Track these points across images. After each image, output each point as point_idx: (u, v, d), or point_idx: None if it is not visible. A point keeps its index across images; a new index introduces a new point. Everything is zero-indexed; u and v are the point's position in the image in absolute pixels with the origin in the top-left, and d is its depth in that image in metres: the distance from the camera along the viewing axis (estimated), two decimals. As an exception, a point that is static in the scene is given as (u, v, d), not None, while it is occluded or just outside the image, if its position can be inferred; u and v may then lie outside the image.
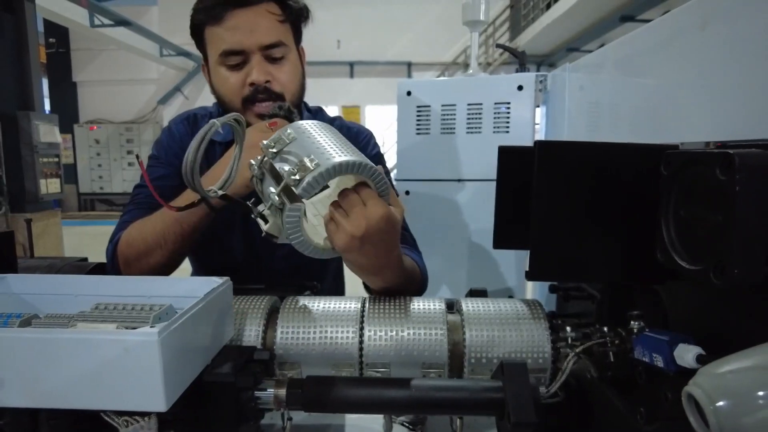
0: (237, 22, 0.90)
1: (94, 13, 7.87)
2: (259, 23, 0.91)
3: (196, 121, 1.06)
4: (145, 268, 0.89)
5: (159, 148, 1.04)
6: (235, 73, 0.92)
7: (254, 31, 0.90)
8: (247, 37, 0.90)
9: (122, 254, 0.89)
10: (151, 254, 0.87)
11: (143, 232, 0.88)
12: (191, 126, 1.05)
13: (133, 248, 0.88)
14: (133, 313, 0.56)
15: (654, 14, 6.60)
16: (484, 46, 10.22)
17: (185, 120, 1.07)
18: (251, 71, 0.91)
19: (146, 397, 0.46)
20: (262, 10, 0.91)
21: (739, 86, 0.83)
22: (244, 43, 0.90)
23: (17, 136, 4.93)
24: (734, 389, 0.34)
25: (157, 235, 0.87)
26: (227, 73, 0.93)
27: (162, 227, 0.86)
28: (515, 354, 0.65)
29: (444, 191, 1.87)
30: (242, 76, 0.92)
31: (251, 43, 0.90)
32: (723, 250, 0.42)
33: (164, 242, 0.86)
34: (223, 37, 0.91)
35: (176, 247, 0.87)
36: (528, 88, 1.75)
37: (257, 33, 0.90)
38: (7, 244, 0.74)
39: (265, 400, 0.56)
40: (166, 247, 0.87)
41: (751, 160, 0.40)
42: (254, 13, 0.90)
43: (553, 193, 0.59)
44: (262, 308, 0.69)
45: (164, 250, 0.87)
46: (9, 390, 0.47)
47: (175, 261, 0.91)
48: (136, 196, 0.99)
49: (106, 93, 11.87)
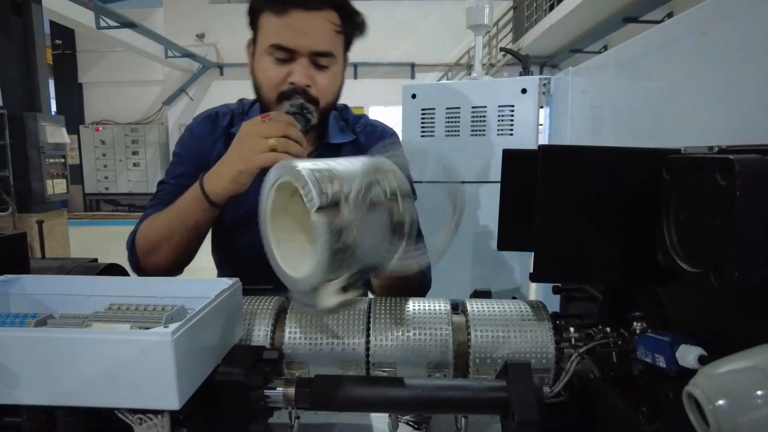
0: (295, 22, 0.90)
1: (100, 14, 7.91)
2: (315, 29, 0.91)
3: (217, 120, 1.07)
4: (156, 263, 0.92)
5: (181, 146, 1.06)
6: (279, 67, 0.92)
7: (308, 36, 0.90)
8: (300, 38, 0.90)
9: (139, 246, 0.93)
10: (160, 248, 0.90)
11: (154, 226, 0.92)
12: (212, 125, 1.07)
13: (146, 240, 0.92)
14: (146, 314, 0.57)
15: (657, 15, 6.58)
16: (487, 47, 10.22)
17: (207, 119, 1.08)
18: (294, 71, 0.91)
19: (160, 395, 0.48)
20: (323, 18, 0.91)
21: (743, 90, 0.83)
22: (296, 43, 0.90)
23: (24, 137, 4.97)
24: (733, 389, 0.35)
25: (165, 228, 0.89)
26: (271, 65, 0.93)
27: (169, 220, 0.89)
28: (519, 354, 0.66)
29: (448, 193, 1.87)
30: (285, 72, 0.92)
31: (302, 46, 0.90)
32: (722, 254, 0.43)
33: (171, 235, 0.89)
34: (278, 31, 0.91)
35: (181, 241, 0.89)
36: (532, 92, 1.76)
37: (311, 38, 0.91)
38: (19, 245, 0.76)
39: (274, 399, 0.58)
40: (172, 241, 0.89)
41: (751, 166, 0.41)
42: (314, 18, 0.90)
43: (556, 195, 0.60)
44: (271, 309, 0.71)
45: (171, 244, 0.89)
46: (26, 388, 0.48)
47: (181, 258, 0.93)
48: (159, 192, 1.01)
49: (112, 94, 11.94)
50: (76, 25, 8.10)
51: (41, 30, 5.25)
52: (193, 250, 0.94)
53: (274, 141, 0.79)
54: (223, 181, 0.83)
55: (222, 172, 0.84)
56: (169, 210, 0.90)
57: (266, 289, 0.75)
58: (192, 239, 0.91)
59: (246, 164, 0.80)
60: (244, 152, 0.81)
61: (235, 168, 0.81)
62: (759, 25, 0.79)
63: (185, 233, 0.89)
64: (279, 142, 0.79)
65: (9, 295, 0.66)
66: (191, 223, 0.88)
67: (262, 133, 0.80)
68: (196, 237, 0.91)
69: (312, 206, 0.52)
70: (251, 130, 0.82)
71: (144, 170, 11.78)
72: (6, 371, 0.48)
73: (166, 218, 0.90)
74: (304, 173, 0.54)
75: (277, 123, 0.81)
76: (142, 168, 11.80)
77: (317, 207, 0.52)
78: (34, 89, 5.10)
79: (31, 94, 5.09)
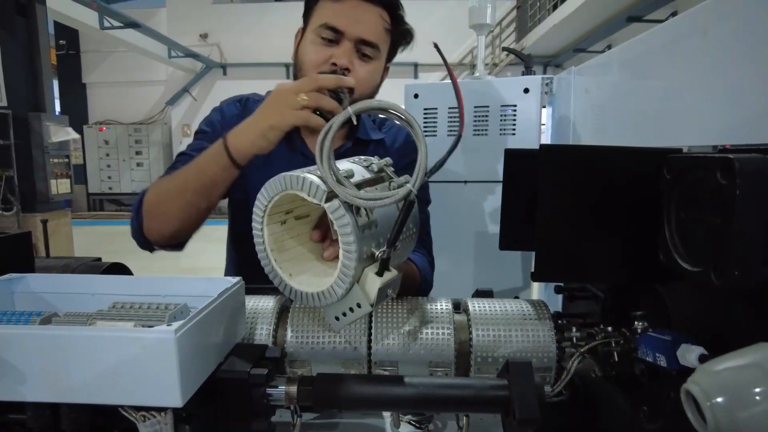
0: (350, 9, 0.93)
1: (103, 15, 7.93)
2: (367, 18, 0.94)
3: (247, 104, 1.07)
4: (163, 223, 0.90)
5: (208, 123, 1.05)
6: (324, 48, 0.95)
7: (360, 23, 0.94)
8: (351, 23, 0.93)
9: (147, 202, 0.91)
10: (172, 202, 0.88)
11: (168, 181, 0.90)
12: (242, 108, 1.07)
13: (156, 195, 0.90)
14: (150, 312, 0.57)
15: (661, 14, 6.56)
16: (490, 46, 10.22)
17: (237, 102, 1.08)
18: (338, 54, 0.93)
19: (163, 392, 0.48)
20: (376, 11, 0.95)
21: (748, 89, 0.83)
22: (346, 26, 0.93)
23: (28, 137, 4.99)
24: (730, 386, 0.35)
25: (179, 183, 0.88)
26: (316, 46, 0.95)
27: (185, 175, 0.87)
28: (521, 353, 0.66)
29: (451, 193, 1.88)
30: (328, 53, 0.94)
31: (352, 30, 0.93)
32: (723, 253, 0.43)
33: (184, 190, 0.87)
34: (332, 13, 0.94)
35: (194, 199, 0.87)
36: (534, 91, 1.76)
37: (362, 25, 0.94)
38: (24, 244, 0.77)
39: (276, 397, 0.58)
40: (185, 196, 0.87)
41: (752, 165, 0.41)
42: (368, 9, 0.94)
43: (558, 195, 0.60)
44: (273, 307, 0.71)
45: (182, 200, 0.87)
46: (31, 385, 0.49)
47: (191, 218, 0.90)
48: (177, 162, 0.99)
49: (115, 94, 11.98)
50: (79, 25, 8.13)
51: (45, 31, 5.27)
52: (203, 214, 0.91)
53: (305, 96, 0.78)
54: (251, 136, 0.81)
55: (251, 127, 0.82)
56: (188, 166, 0.88)
57: (269, 288, 0.76)
58: (204, 199, 0.88)
59: (278, 119, 0.79)
60: (278, 106, 0.80)
61: (266, 123, 0.80)
62: (761, 24, 0.79)
63: (200, 190, 0.86)
64: (311, 97, 0.78)
65: (14, 293, 0.67)
66: (208, 181, 0.85)
67: (295, 89, 0.79)
68: (208, 198, 0.88)
69: (320, 196, 0.53)
70: (284, 87, 0.82)
71: (147, 170, 11.81)
72: (11, 368, 0.48)
73: (183, 173, 0.88)
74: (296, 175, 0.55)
75: (309, 78, 0.82)
76: (145, 168, 11.83)
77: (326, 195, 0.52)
78: (39, 89, 5.12)
79: (35, 95, 5.11)
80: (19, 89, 4.96)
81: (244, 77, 11.02)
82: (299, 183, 0.54)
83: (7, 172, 4.93)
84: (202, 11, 11.43)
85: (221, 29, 11.30)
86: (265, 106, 0.82)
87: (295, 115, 0.78)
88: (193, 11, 11.38)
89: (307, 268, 0.61)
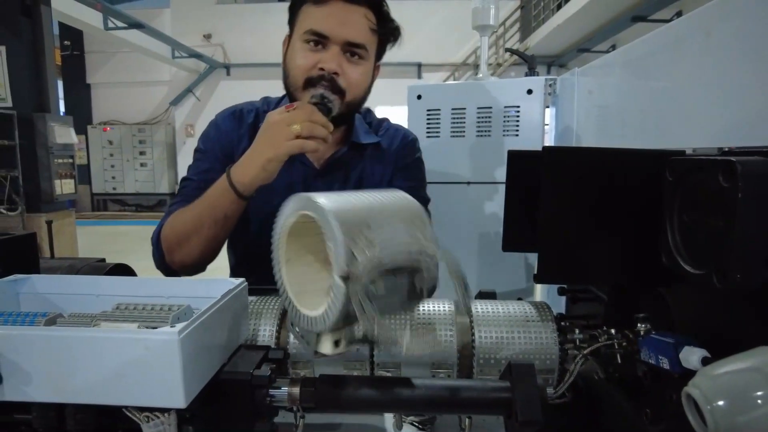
0: (334, 11, 0.93)
1: (107, 16, 7.97)
2: (352, 20, 0.94)
3: (242, 116, 1.08)
4: (184, 255, 0.93)
5: (206, 141, 1.07)
6: (311, 53, 0.95)
7: (345, 25, 0.94)
8: (336, 26, 0.93)
9: (165, 240, 0.94)
10: (190, 239, 0.91)
11: (183, 218, 0.93)
12: (238, 120, 1.07)
13: (174, 233, 0.93)
14: (153, 313, 0.58)
15: (666, 14, 6.54)
16: (494, 46, 10.20)
17: (231, 115, 1.09)
18: (325, 58, 0.94)
19: (166, 393, 0.48)
20: (361, 12, 0.95)
21: (753, 91, 0.83)
22: (331, 30, 0.93)
23: (33, 138, 5.01)
24: (731, 390, 0.35)
25: (194, 221, 0.90)
26: (303, 51, 0.95)
27: (199, 212, 0.90)
28: (523, 355, 0.66)
29: (454, 194, 1.88)
30: (316, 58, 0.94)
31: (337, 33, 0.93)
32: (725, 255, 0.43)
33: (200, 227, 0.90)
34: (316, 18, 0.94)
35: (211, 233, 0.90)
36: (537, 92, 1.76)
37: (347, 27, 0.94)
38: (30, 245, 0.77)
39: (279, 398, 0.58)
40: (201, 233, 0.90)
41: (753, 168, 0.41)
42: (352, 10, 0.94)
43: (560, 197, 0.60)
44: (276, 309, 0.71)
45: (200, 236, 0.90)
46: (36, 385, 0.49)
47: (211, 249, 0.93)
48: (183, 188, 1.02)
49: (119, 94, 12.02)
50: (84, 26, 8.17)
51: (50, 31, 5.29)
52: (220, 243, 0.95)
53: (298, 127, 0.81)
54: (252, 170, 0.84)
55: (250, 162, 0.85)
56: (198, 203, 0.91)
57: (272, 290, 0.76)
58: (220, 232, 0.91)
59: (275, 151, 0.82)
60: (272, 140, 0.83)
61: (264, 156, 0.83)
62: (765, 25, 0.79)
63: (214, 226, 0.90)
64: (304, 127, 0.81)
65: (19, 294, 0.68)
66: (221, 216, 0.89)
67: (288, 121, 0.82)
68: (224, 230, 0.92)
69: (338, 272, 0.48)
70: (277, 119, 0.84)
71: (151, 170, 11.84)
72: (17, 368, 0.49)
73: (195, 211, 0.91)
74: (336, 231, 0.48)
75: (301, 110, 0.84)
76: (149, 168, 11.87)
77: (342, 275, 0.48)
78: (44, 90, 5.14)
79: (40, 95, 5.13)
80: (24, 90, 4.98)
81: (248, 77, 11.04)
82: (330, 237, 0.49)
83: (12, 173, 4.96)
84: (206, 12, 11.46)
85: (225, 30, 11.33)
86: (260, 140, 0.85)
87: (289, 145, 0.82)
88: (197, 12, 11.41)
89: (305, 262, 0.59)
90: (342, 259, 0.47)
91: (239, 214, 0.91)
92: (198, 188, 0.95)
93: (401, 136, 1.15)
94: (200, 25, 11.40)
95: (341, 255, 0.47)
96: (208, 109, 11.52)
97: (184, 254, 0.93)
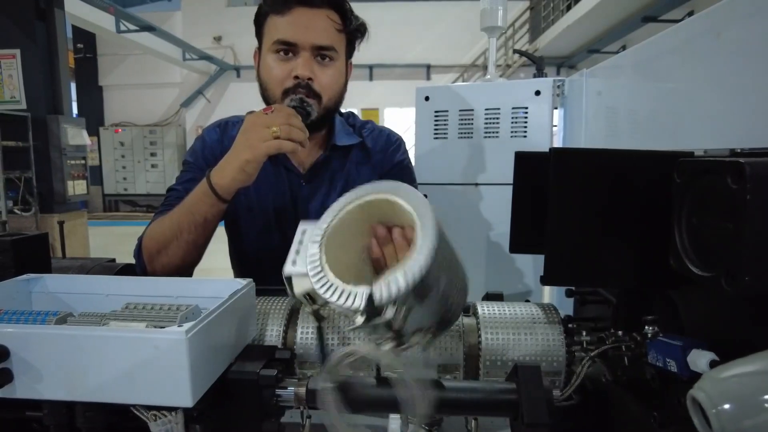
0: (297, 18, 0.95)
1: (120, 19, 8.06)
2: (317, 24, 0.95)
3: (227, 128, 1.10)
4: (165, 263, 0.92)
5: (192, 154, 1.09)
6: (283, 63, 0.97)
7: (310, 30, 0.95)
8: (302, 32, 0.95)
9: (146, 248, 0.94)
10: (169, 246, 0.91)
11: (162, 225, 0.93)
12: (222, 133, 1.09)
13: (154, 241, 0.93)
14: (161, 313, 0.58)
15: (678, 14, 6.48)
16: (503, 48, 10.17)
17: (217, 127, 1.11)
18: (297, 65, 0.95)
19: (174, 392, 0.49)
20: (323, 14, 0.96)
21: (766, 91, 0.82)
22: (298, 37, 0.95)
23: (47, 139, 5.08)
24: (737, 393, 0.35)
25: (173, 227, 0.90)
26: (275, 63, 0.97)
27: (177, 218, 0.90)
28: (530, 357, 0.66)
29: (461, 195, 1.87)
30: (288, 68, 0.96)
31: (305, 40, 0.95)
32: (734, 258, 0.42)
33: (179, 233, 0.90)
34: (281, 28, 0.96)
35: (190, 238, 0.90)
36: (545, 93, 1.75)
37: (313, 32, 0.95)
38: (42, 245, 0.78)
39: (286, 398, 0.58)
40: (181, 238, 0.90)
41: (762, 170, 0.41)
42: (315, 14, 0.95)
43: (568, 199, 0.60)
44: (283, 309, 0.72)
45: (180, 241, 0.90)
46: (47, 383, 0.50)
47: (188, 257, 0.93)
48: (168, 198, 1.03)
49: (131, 96, 12.14)
50: (97, 29, 8.27)
51: (64, 35, 5.36)
52: (202, 248, 0.95)
53: (276, 128, 0.82)
54: (231, 172, 0.85)
55: (229, 164, 0.86)
56: (177, 209, 0.91)
57: (279, 290, 0.76)
58: (200, 236, 0.91)
59: (252, 153, 0.83)
60: (250, 141, 0.83)
61: (242, 158, 0.84)
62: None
63: (194, 230, 0.90)
64: (282, 129, 0.82)
65: (31, 293, 0.69)
66: (200, 219, 0.89)
67: (265, 123, 0.83)
68: (204, 234, 0.92)
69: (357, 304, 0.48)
70: (255, 121, 0.85)
71: (162, 171, 11.94)
72: (28, 366, 0.49)
73: (174, 217, 0.91)
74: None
75: (279, 113, 0.85)
76: (160, 169, 11.97)
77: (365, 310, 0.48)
78: (57, 92, 5.21)
79: (53, 98, 5.20)
80: (38, 92, 5.05)
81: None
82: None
83: (26, 174, 5.03)
84: (217, 14, 11.54)
85: (235, 32, 11.40)
86: (239, 142, 0.86)
87: (267, 146, 0.83)
88: (208, 14, 11.50)
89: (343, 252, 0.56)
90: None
91: (219, 218, 0.92)
92: (179, 198, 0.96)
93: (385, 136, 1.16)
94: (211, 28, 11.48)
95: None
96: (218, 111, 11.59)
97: (165, 262, 0.92)
